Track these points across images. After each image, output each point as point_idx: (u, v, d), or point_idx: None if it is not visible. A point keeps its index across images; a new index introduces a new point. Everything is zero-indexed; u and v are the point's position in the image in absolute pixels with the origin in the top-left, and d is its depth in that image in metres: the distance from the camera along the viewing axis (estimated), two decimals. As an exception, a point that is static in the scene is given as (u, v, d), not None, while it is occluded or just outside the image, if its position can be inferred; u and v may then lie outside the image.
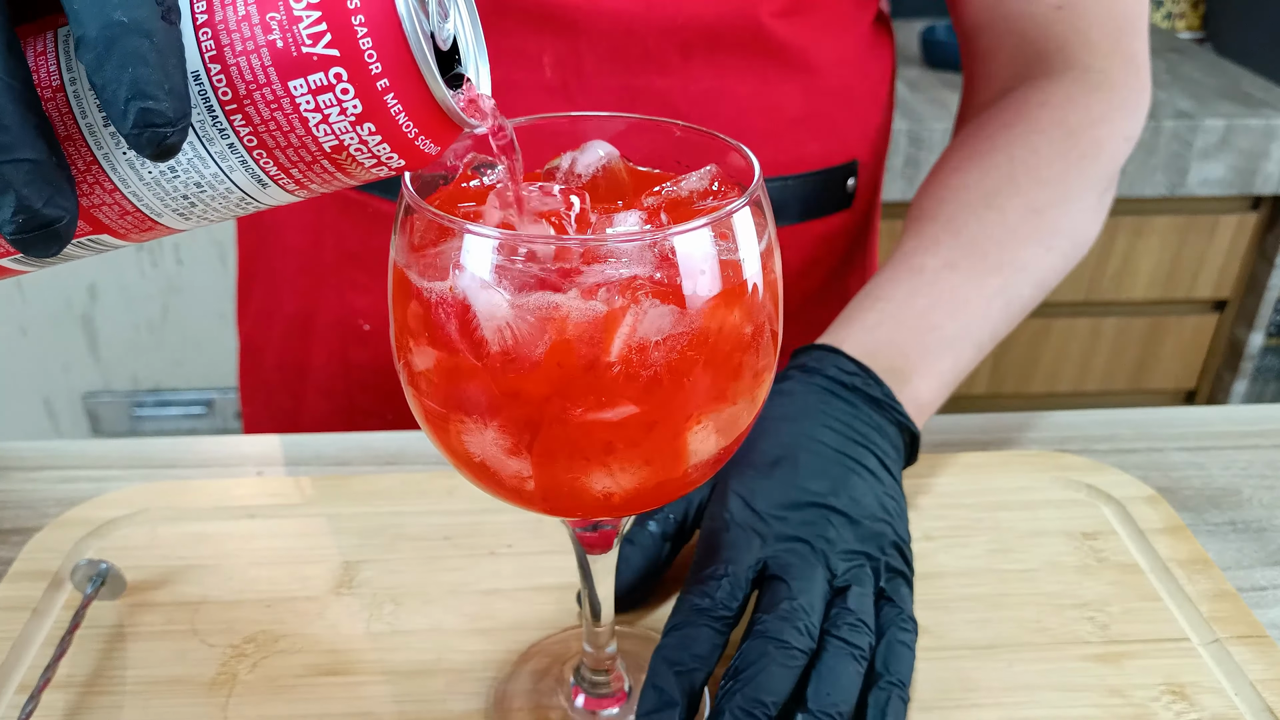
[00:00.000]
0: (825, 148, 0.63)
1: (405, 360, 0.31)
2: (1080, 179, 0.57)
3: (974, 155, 0.58)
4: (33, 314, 1.68)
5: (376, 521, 0.51)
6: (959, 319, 0.51)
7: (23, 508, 0.53)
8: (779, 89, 0.59)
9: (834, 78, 0.61)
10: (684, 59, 0.56)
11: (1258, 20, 1.73)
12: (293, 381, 0.71)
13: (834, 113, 0.62)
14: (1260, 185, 1.45)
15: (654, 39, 0.55)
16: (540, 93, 0.56)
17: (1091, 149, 0.57)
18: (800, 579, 0.40)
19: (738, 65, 0.57)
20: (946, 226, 0.55)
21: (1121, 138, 0.59)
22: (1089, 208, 0.57)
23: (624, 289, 0.27)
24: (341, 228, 0.64)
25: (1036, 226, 0.55)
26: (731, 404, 0.31)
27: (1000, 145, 0.57)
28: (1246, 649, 0.43)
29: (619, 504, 0.32)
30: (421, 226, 0.30)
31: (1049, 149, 0.57)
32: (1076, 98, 0.58)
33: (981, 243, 0.54)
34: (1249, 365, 1.62)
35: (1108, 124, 0.58)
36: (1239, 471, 0.56)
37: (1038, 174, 0.56)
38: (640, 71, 0.56)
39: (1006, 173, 0.56)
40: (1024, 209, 0.55)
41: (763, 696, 0.36)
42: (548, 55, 0.55)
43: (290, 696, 0.42)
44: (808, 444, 0.45)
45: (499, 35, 0.55)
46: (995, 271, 0.53)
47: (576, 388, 0.28)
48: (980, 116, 0.61)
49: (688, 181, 0.32)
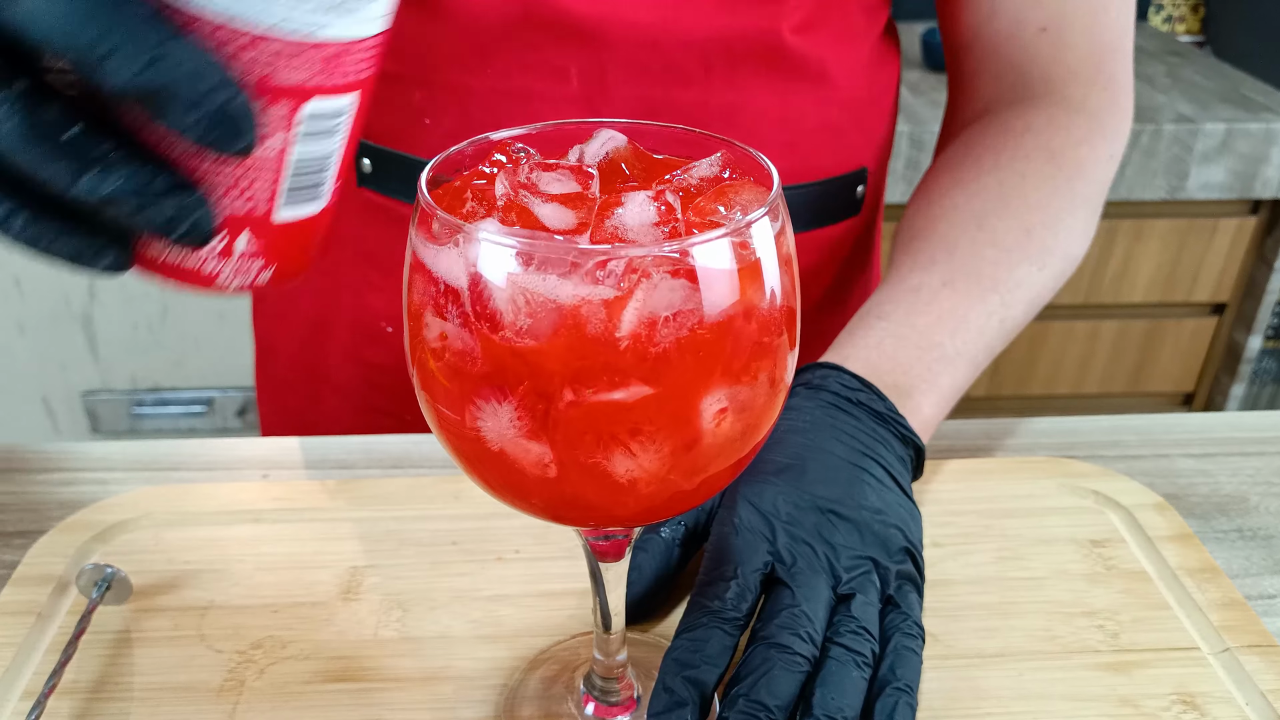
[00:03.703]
0: (837, 157, 0.64)
1: (419, 356, 0.31)
2: (1067, 200, 0.58)
3: (961, 182, 0.59)
4: (31, 312, 1.67)
5: (383, 526, 0.51)
6: (958, 337, 0.52)
7: (26, 511, 0.53)
8: (795, 101, 0.60)
9: (847, 89, 0.62)
10: (705, 72, 0.57)
11: (1257, 24, 1.74)
12: (309, 382, 0.71)
13: (846, 122, 0.63)
14: (1260, 189, 1.45)
15: (677, 53, 0.56)
16: (565, 104, 0.57)
17: (1076, 170, 0.58)
18: (803, 585, 0.40)
19: (756, 78, 0.58)
20: (940, 245, 0.56)
21: (1105, 158, 0.60)
22: (1077, 227, 0.58)
23: (633, 268, 0.27)
24: (362, 230, 0.64)
25: (1027, 247, 0.56)
26: (753, 381, 0.30)
27: (987, 169, 0.59)
28: (1257, 658, 0.43)
29: (637, 505, 0.32)
30: (435, 214, 0.30)
31: (1035, 173, 0.58)
32: (1058, 120, 0.59)
33: (976, 262, 0.55)
34: (1247, 369, 1.62)
35: (1089, 146, 0.59)
36: (1246, 478, 0.56)
37: (1025, 198, 0.57)
38: (662, 84, 0.57)
39: (996, 195, 0.57)
40: (1015, 230, 0.56)
41: (766, 700, 0.36)
42: (574, 67, 0.56)
43: (298, 703, 0.41)
44: (816, 453, 0.45)
45: (526, 49, 0.56)
46: (991, 290, 0.54)
47: (589, 361, 0.28)
48: (965, 139, 0.62)
49: (698, 168, 0.32)
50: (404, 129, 0.59)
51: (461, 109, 0.57)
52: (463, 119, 0.57)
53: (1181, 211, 1.49)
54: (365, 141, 0.61)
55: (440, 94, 0.57)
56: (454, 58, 0.56)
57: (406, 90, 0.58)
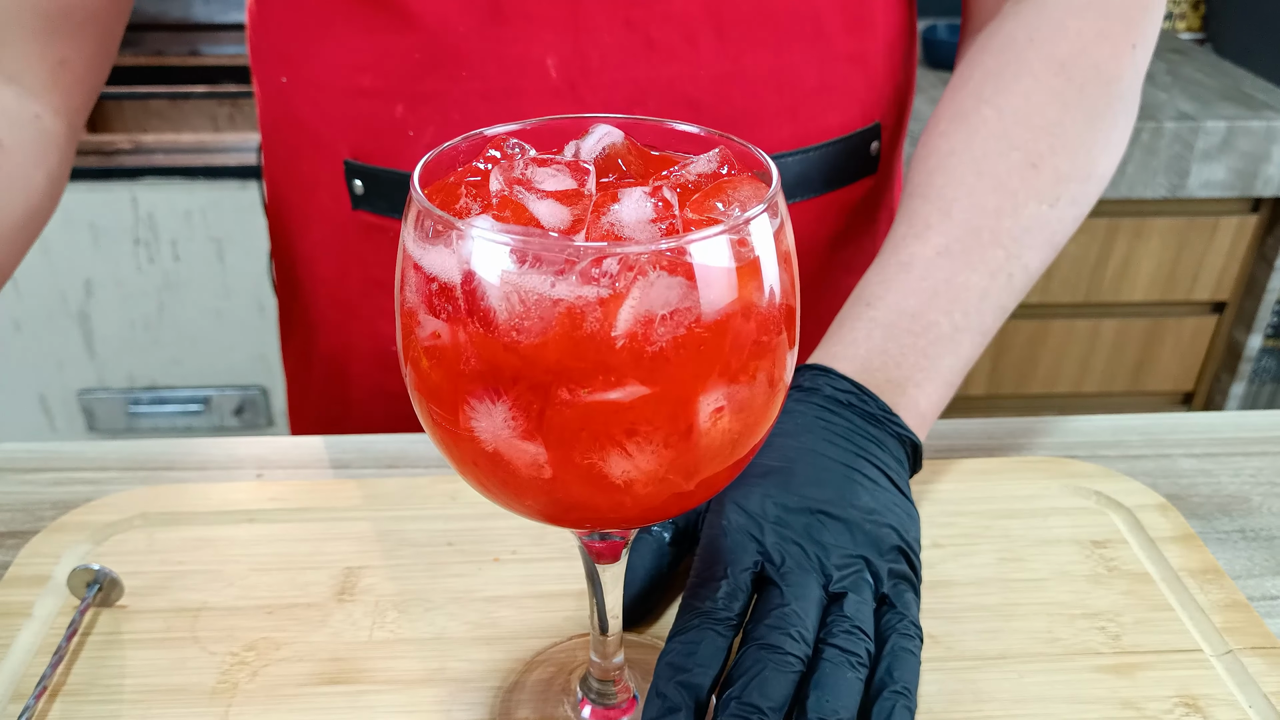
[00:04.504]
0: (845, 115, 0.60)
1: (411, 355, 0.31)
2: (1081, 114, 0.54)
3: (959, 115, 0.55)
4: (28, 310, 1.67)
5: (378, 526, 0.51)
6: (956, 311, 0.50)
7: (17, 510, 0.53)
8: (791, 61, 0.57)
9: (848, 41, 0.58)
10: (690, 44, 0.55)
11: (1258, 21, 1.73)
12: (338, 418, 0.70)
13: (850, 78, 0.60)
14: (1261, 188, 1.45)
15: (656, 27, 0.54)
16: (548, 97, 0.55)
17: (1089, 75, 0.54)
18: (793, 584, 0.40)
19: (746, 43, 0.55)
20: (936, 205, 0.52)
21: (1126, 49, 0.55)
22: (1098, 139, 0.54)
23: (630, 265, 0.27)
24: (365, 254, 0.62)
25: (1035, 182, 0.52)
26: (751, 380, 0.30)
27: (987, 97, 0.55)
28: (1260, 660, 0.43)
29: (634, 507, 0.31)
30: (427, 211, 0.29)
31: (1040, 92, 0.54)
32: (1065, 22, 0.55)
33: (975, 217, 0.51)
34: (1246, 367, 1.62)
35: (1105, 42, 0.54)
36: (1248, 479, 0.56)
37: (1029, 122, 0.53)
38: (646, 63, 0.55)
39: (995, 129, 0.53)
40: (1019, 166, 0.52)
41: (759, 703, 0.35)
42: (551, 57, 0.54)
43: (292, 705, 0.41)
44: (806, 455, 0.44)
45: (499, 45, 0.54)
46: (993, 246, 0.51)
47: (585, 360, 0.27)
48: (970, 59, 0.58)
49: (696, 163, 0.32)
50: (390, 145, 0.58)
51: (443, 117, 0.56)
52: (444, 127, 0.56)
53: (1182, 210, 1.48)
54: (353, 162, 0.59)
55: (420, 105, 0.56)
56: (429, 66, 0.55)
57: (388, 105, 0.57)
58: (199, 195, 1.57)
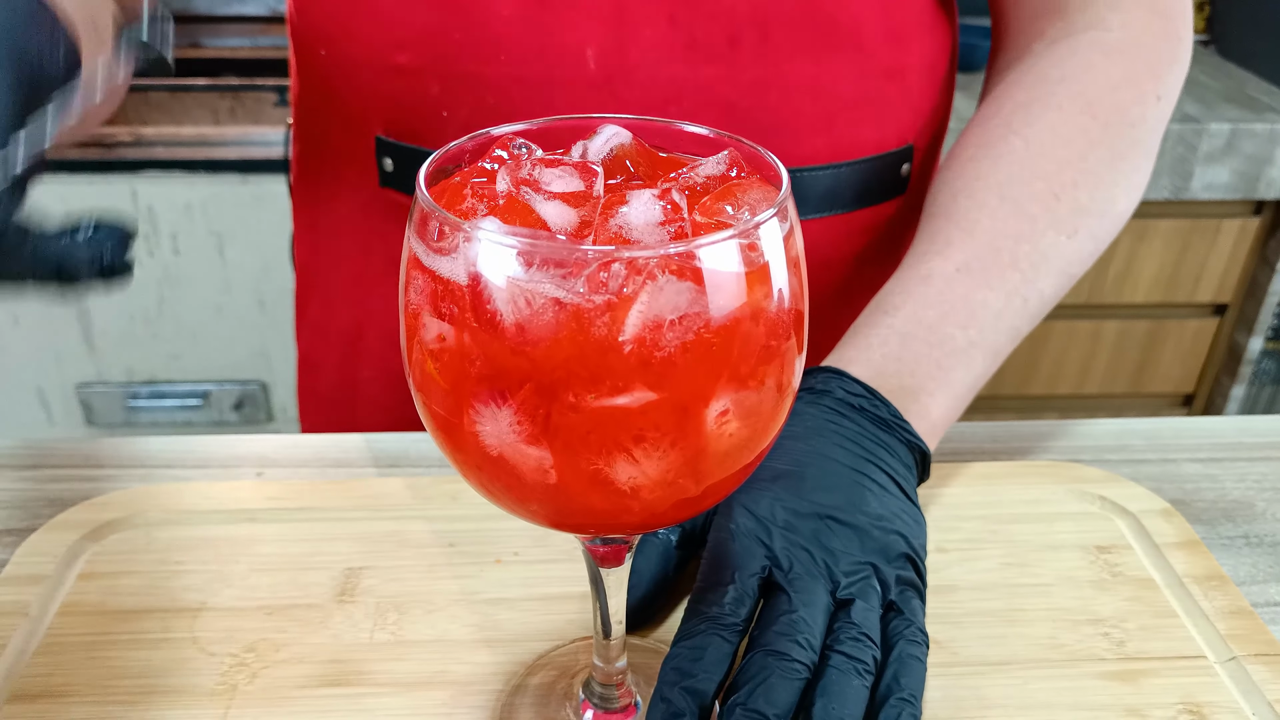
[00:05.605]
0: (880, 132, 0.60)
1: (416, 357, 0.30)
2: (1105, 152, 0.55)
3: (987, 143, 0.56)
4: (26, 304, 1.66)
5: (379, 527, 0.50)
6: (971, 327, 0.50)
7: (15, 508, 0.52)
8: (830, 71, 0.56)
9: (887, 56, 0.58)
10: (731, 46, 0.54)
11: (1263, 24, 1.73)
12: (348, 396, 0.69)
13: (888, 94, 0.59)
14: (1264, 190, 1.44)
15: (700, 25, 0.54)
16: (584, 89, 0.55)
17: (1114, 116, 0.55)
18: (801, 591, 0.39)
19: (787, 48, 0.55)
20: (959, 224, 0.53)
21: (1151, 98, 0.56)
22: (1119, 179, 0.55)
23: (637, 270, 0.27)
24: (389, 233, 0.62)
25: (1055, 212, 0.53)
26: (759, 385, 0.29)
27: (1016, 128, 0.55)
28: (1264, 668, 0.43)
29: (640, 512, 0.31)
30: (433, 211, 0.29)
31: (1066, 126, 0.55)
32: (1095, 63, 0.56)
33: (996, 239, 0.52)
34: (1247, 370, 1.62)
35: (1131, 87, 0.56)
36: (1253, 484, 0.56)
37: (1054, 154, 0.54)
38: (685, 61, 0.54)
39: (1022, 158, 0.54)
40: (1041, 195, 0.53)
41: (764, 710, 0.35)
42: (591, 47, 0.54)
43: (291, 708, 0.41)
44: (816, 459, 0.44)
45: (540, 30, 0.54)
46: (1011, 268, 0.52)
47: (592, 365, 0.27)
48: (999, 93, 0.59)
49: (705, 166, 0.31)
50: (422, 124, 0.58)
51: (477, 100, 0.56)
52: (478, 110, 0.56)
53: (1185, 212, 1.48)
54: (385, 139, 0.59)
55: (456, 85, 0.56)
56: (467, 47, 0.55)
57: (423, 83, 0.56)
58: (199, 189, 1.57)
